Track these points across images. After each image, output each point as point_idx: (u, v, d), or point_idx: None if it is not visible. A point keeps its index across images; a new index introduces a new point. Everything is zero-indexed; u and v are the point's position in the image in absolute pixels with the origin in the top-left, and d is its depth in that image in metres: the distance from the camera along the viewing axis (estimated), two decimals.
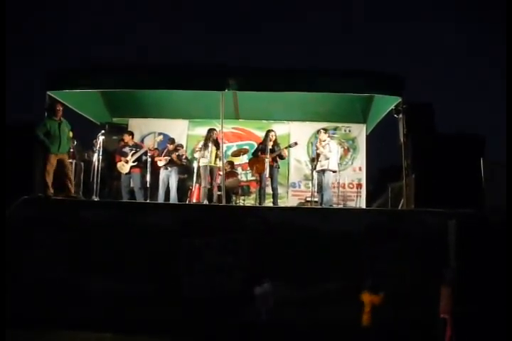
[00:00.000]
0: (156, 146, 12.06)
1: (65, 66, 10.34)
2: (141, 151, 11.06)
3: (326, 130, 11.34)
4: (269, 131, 11.22)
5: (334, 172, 10.86)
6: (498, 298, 6.64)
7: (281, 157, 11.21)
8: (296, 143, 11.40)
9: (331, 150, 10.68)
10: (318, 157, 10.92)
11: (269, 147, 10.77)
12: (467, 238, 7.16)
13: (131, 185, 11.20)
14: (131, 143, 11.41)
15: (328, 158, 10.61)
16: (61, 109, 9.69)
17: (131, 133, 11.74)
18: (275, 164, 10.96)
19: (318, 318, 7.84)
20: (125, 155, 11.12)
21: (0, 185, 8.49)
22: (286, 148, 11.19)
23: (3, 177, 8.66)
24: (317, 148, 11.00)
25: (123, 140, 11.66)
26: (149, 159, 11.04)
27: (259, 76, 9.93)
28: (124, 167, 11.07)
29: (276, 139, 11.07)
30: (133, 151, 11.11)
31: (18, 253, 8.15)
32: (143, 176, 11.09)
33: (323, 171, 10.72)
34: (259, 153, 11.08)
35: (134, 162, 11.03)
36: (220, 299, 7.99)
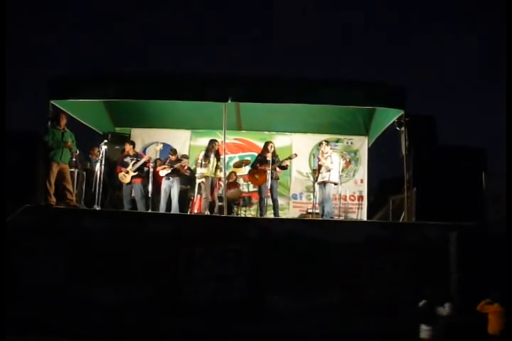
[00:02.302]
0: (158, 156, 12.08)
1: (67, 75, 10.33)
2: (141, 161, 11.06)
3: (328, 142, 11.37)
4: (267, 143, 11.24)
5: (335, 184, 10.85)
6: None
7: (284, 167, 11.22)
8: (296, 155, 11.41)
9: (333, 162, 10.69)
10: (320, 169, 10.92)
11: (268, 158, 10.78)
12: (469, 250, 7.15)
13: (133, 194, 11.19)
14: (132, 153, 11.42)
15: (329, 170, 10.61)
16: (65, 119, 9.76)
17: (133, 143, 11.75)
18: (274, 175, 10.96)
19: (318, 329, 7.81)
20: (126, 165, 11.11)
21: (1, 193, 8.49)
22: (286, 159, 11.19)
23: (4, 185, 8.66)
24: (319, 160, 11.01)
25: (124, 150, 11.70)
26: (151, 169, 11.05)
27: (262, 87, 9.96)
28: (125, 177, 11.06)
29: (274, 150, 11.09)
30: (134, 161, 11.11)
31: (19, 261, 8.14)
32: (144, 186, 11.09)
33: (324, 183, 10.72)
34: (258, 165, 11.10)
35: (134, 172, 11.04)
36: (219, 308, 7.97)
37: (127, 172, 11.02)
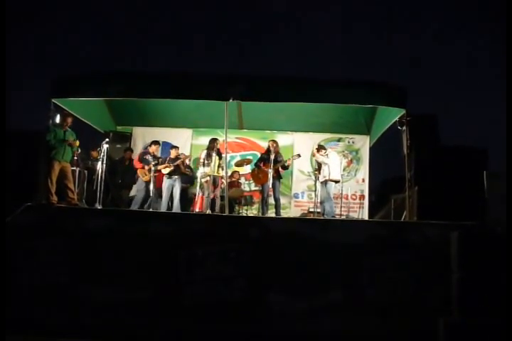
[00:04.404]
0: (159, 154, 12.12)
1: (69, 74, 10.32)
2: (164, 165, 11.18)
3: (322, 146, 11.42)
4: (271, 142, 11.27)
5: (337, 182, 10.86)
6: (502, 308, 6.60)
7: (285, 167, 11.23)
8: (299, 155, 11.44)
9: (329, 158, 10.75)
10: (321, 168, 10.96)
11: (272, 158, 10.80)
12: (470, 250, 7.14)
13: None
14: (153, 152, 11.49)
15: (326, 164, 10.67)
16: (70, 118, 9.79)
17: (159, 143, 11.82)
18: (277, 175, 10.98)
19: (319, 329, 7.81)
20: (147, 163, 11.16)
21: (2, 191, 8.48)
22: (288, 159, 11.21)
23: (6, 183, 8.66)
24: (314, 155, 11.12)
25: (128, 148, 11.74)
26: (153, 168, 11.08)
27: (264, 86, 9.90)
28: (146, 175, 11.12)
29: (278, 150, 11.11)
30: (155, 162, 11.15)
31: (19, 261, 8.13)
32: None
33: (325, 182, 10.74)
34: (262, 164, 11.11)
35: (155, 172, 11.09)
36: (221, 308, 7.96)
37: (149, 171, 11.07)
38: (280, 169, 11.12)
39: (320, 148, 11.27)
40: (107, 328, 7.85)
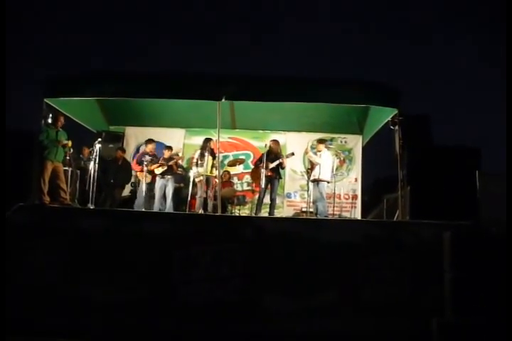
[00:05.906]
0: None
1: (61, 73, 10.29)
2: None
3: (324, 140, 11.43)
4: (271, 141, 11.30)
5: (328, 182, 10.87)
6: (497, 308, 6.62)
7: (281, 166, 11.24)
8: (293, 154, 11.45)
9: (321, 158, 10.76)
10: (313, 167, 10.98)
11: (265, 158, 10.80)
12: (463, 249, 7.16)
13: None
14: (150, 152, 11.49)
15: (318, 163, 10.69)
16: (63, 118, 9.76)
17: (153, 141, 11.84)
18: (276, 174, 10.99)
19: (313, 330, 7.81)
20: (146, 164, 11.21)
21: (1, 192, 8.45)
22: (283, 158, 11.22)
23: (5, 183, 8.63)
24: (307, 153, 11.13)
25: (120, 148, 11.70)
26: (145, 167, 11.07)
27: (256, 86, 9.88)
28: (147, 176, 11.12)
29: (279, 150, 11.15)
30: (155, 161, 11.19)
31: (13, 261, 8.10)
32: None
33: (317, 181, 10.75)
34: (262, 164, 11.11)
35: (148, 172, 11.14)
36: (216, 308, 7.96)
37: (149, 172, 11.09)
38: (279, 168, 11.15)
39: (320, 142, 11.28)
40: (101, 330, 7.84)
